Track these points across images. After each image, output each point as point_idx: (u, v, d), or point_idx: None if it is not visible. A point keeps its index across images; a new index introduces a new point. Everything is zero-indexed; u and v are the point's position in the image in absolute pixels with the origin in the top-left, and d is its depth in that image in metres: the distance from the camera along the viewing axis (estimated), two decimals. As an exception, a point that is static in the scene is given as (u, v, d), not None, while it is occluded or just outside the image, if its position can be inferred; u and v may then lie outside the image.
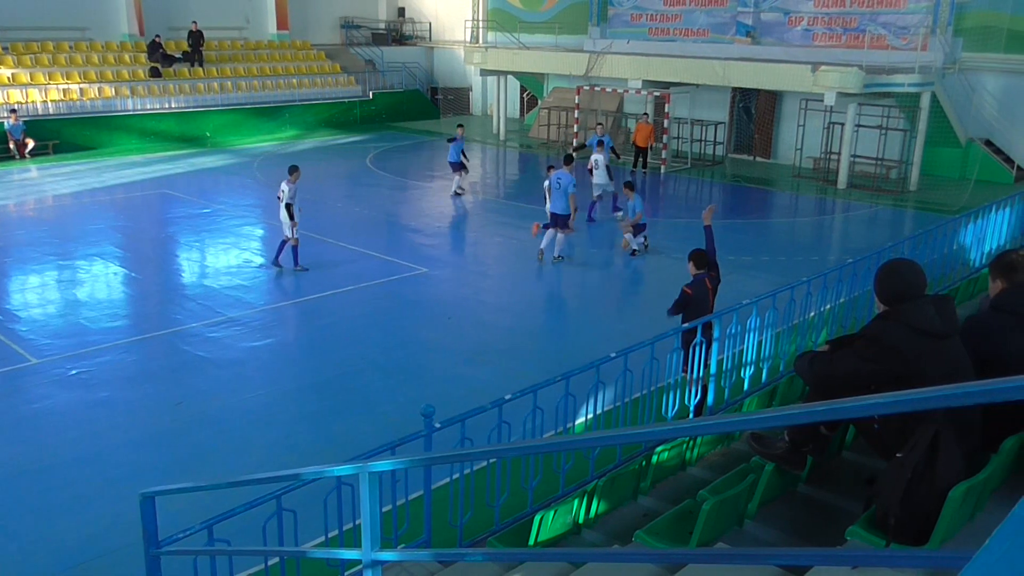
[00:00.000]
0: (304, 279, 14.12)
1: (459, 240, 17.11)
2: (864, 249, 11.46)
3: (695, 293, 8.30)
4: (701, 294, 8.31)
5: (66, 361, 10.62)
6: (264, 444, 8.63)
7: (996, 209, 9.47)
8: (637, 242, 15.47)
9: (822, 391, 4.12)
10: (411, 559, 4.95)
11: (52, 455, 8.39)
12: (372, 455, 4.80)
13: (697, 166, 25.20)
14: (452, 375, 10.32)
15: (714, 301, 8.42)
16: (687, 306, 8.30)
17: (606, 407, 6.65)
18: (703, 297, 8.29)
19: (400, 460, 3.64)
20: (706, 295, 8.31)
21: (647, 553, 4.02)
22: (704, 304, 8.25)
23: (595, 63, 25.66)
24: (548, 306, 13.11)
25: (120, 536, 6.93)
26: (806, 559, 2.72)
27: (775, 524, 4.34)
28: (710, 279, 8.44)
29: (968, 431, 3.67)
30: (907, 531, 3.37)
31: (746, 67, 22.90)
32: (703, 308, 8.17)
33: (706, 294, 8.32)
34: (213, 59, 30.91)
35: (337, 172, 24.01)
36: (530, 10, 32.70)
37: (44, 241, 16.13)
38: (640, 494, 5.51)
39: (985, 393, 1.59)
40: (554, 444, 4.81)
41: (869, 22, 23.58)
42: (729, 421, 3.04)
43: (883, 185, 22.02)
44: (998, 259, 4.56)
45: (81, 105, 26.54)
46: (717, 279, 8.57)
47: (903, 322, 3.82)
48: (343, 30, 37.05)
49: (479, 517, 5.71)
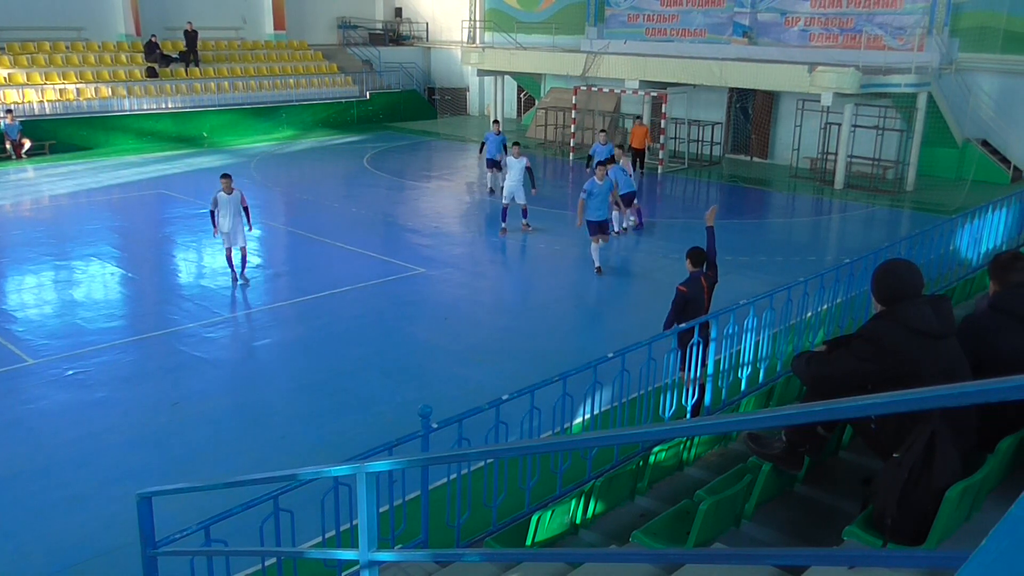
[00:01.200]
0: (304, 279, 14.11)
1: (456, 240, 17.10)
2: (861, 249, 11.48)
3: (690, 291, 8.27)
4: (696, 292, 8.28)
5: (63, 361, 10.60)
6: (261, 444, 8.62)
7: (992, 209, 9.49)
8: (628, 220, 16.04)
9: (819, 391, 4.13)
10: (408, 559, 4.94)
11: (48, 455, 8.37)
12: (369, 455, 4.80)
13: (694, 166, 25.22)
14: (449, 375, 10.32)
15: (710, 300, 8.42)
16: (684, 305, 8.25)
17: (603, 407, 6.66)
18: (698, 295, 8.27)
19: (397, 460, 3.64)
20: (701, 293, 8.29)
21: (644, 553, 4.03)
22: (699, 303, 8.25)
23: (592, 63, 25.67)
24: (545, 306, 13.11)
25: (117, 536, 6.92)
26: (803, 559, 2.73)
27: (772, 524, 4.35)
28: (706, 278, 8.42)
29: (964, 431, 3.68)
30: (904, 531, 3.38)
31: (743, 67, 22.93)
32: (699, 307, 8.18)
33: (701, 292, 8.30)
34: (210, 59, 30.88)
35: (334, 172, 23.99)
36: (527, 10, 32.71)
37: (41, 241, 16.11)
38: (637, 494, 5.51)
39: (981, 393, 1.59)
40: (551, 444, 4.81)
41: (866, 22, 23.62)
42: (726, 421, 3.04)
43: (880, 185, 22.06)
44: (993, 260, 4.59)
45: (77, 105, 26.51)
46: (714, 279, 8.55)
47: (900, 322, 3.83)
48: (340, 30, 37.04)
49: (476, 517, 5.71)
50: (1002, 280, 4.38)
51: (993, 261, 4.57)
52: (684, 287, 8.30)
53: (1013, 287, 4.31)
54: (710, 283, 8.45)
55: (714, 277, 8.55)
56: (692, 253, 8.53)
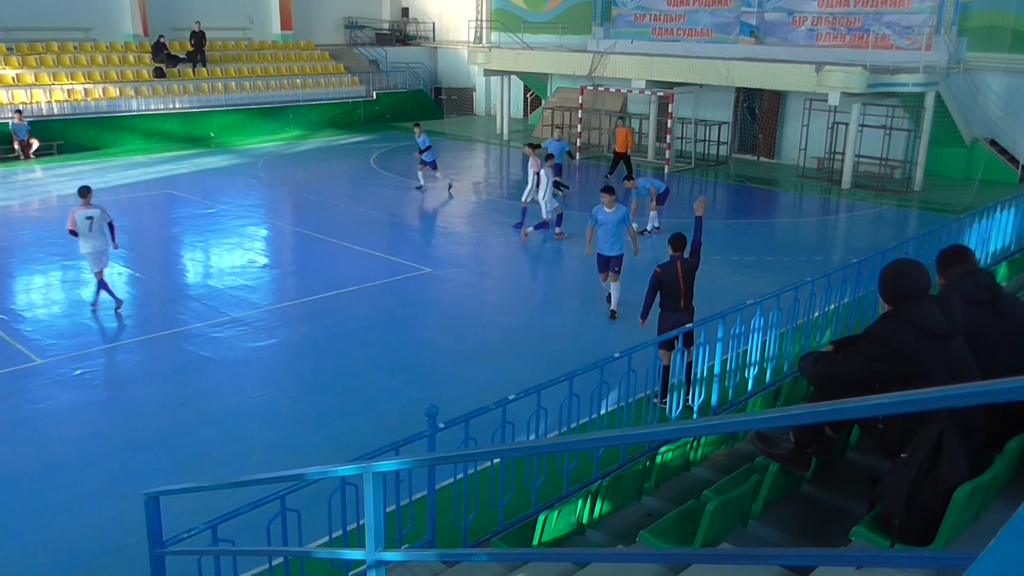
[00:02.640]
0: (311, 279, 14.13)
1: (462, 240, 17.11)
2: (868, 249, 11.45)
3: (664, 273, 8.96)
4: (670, 275, 8.94)
5: (70, 361, 10.63)
6: (268, 444, 8.64)
7: (1000, 209, 9.46)
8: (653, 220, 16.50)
9: (826, 391, 4.12)
10: (415, 559, 4.94)
11: (56, 455, 8.40)
12: (376, 455, 4.81)
13: (701, 166, 25.17)
14: (456, 375, 10.32)
15: (685, 285, 8.98)
16: (658, 285, 8.98)
17: (610, 407, 6.65)
18: (672, 278, 8.93)
19: (404, 460, 3.65)
20: (676, 277, 8.93)
21: (651, 553, 4.02)
22: (674, 286, 8.93)
23: (599, 63, 25.65)
24: (552, 306, 13.10)
25: (124, 536, 6.94)
26: (810, 559, 2.72)
27: (779, 524, 4.34)
28: (683, 263, 8.99)
29: (972, 431, 3.66)
30: (911, 531, 3.37)
31: (750, 67, 22.88)
32: (674, 289, 8.94)
33: (676, 276, 8.93)
34: (217, 59, 30.95)
35: (341, 172, 24.02)
36: (534, 10, 32.70)
37: (48, 241, 16.16)
38: (644, 494, 5.51)
39: (989, 393, 1.58)
40: (558, 444, 4.81)
41: (873, 22, 23.54)
42: (733, 421, 3.03)
43: (887, 185, 21.99)
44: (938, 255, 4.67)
45: (85, 105, 26.59)
46: (694, 265, 9.08)
47: (908, 322, 3.81)
48: (347, 30, 37.09)
49: (483, 517, 5.71)
50: (947, 273, 4.48)
51: (938, 256, 4.64)
52: (660, 268, 9.03)
53: (955, 278, 4.38)
54: (686, 268, 9.01)
55: (694, 264, 9.10)
56: (672, 239, 9.17)
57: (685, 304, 9.01)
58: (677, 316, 8.82)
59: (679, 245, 9.07)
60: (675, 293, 8.92)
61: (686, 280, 8.97)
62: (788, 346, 7.36)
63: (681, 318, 8.65)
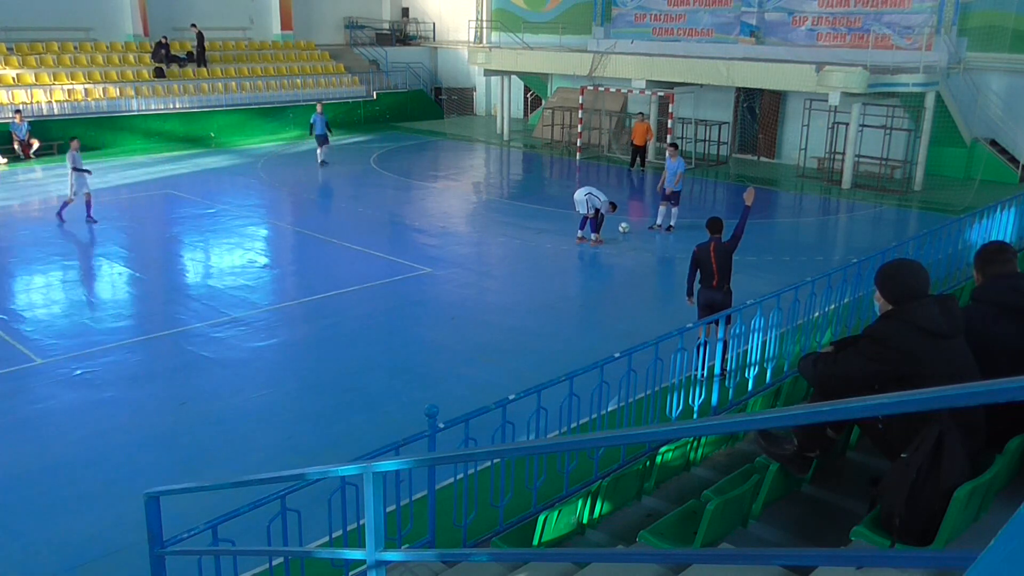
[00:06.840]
0: (311, 279, 14.14)
1: (463, 240, 17.11)
2: (868, 249, 11.44)
3: (699, 252, 9.89)
4: (704, 254, 9.83)
5: (71, 361, 10.64)
6: (268, 444, 8.64)
7: (1001, 209, 9.45)
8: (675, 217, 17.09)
9: (826, 392, 4.12)
10: (415, 559, 4.95)
11: (56, 455, 8.40)
12: (376, 455, 4.81)
13: (701, 166, 25.15)
14: (456, 375, 10.32)
15: (717, 263, 9.72)
16: (695, 263, 9.93)
17: (610, 407, 6.65)
18: (705, 257, 9.80)
19: (404, 460, 3.65)
20: (708, 256, 9.77)
21: (651, 553, 4.02)
22: (707, 264, 9.78)
23: (599, 63, 25.64)
24: (552, 306, 13.10)
25: (124, 536, 6.94)
26: (811, 559, 2.72)
27: (779, 524, 4.34)
28: (717, 244, 9.76)
29: (973, 431, 3.66)
30: (912, 531, 3.37)
31: (750, 67, 22.88)
32: (706, 268, 9.78)
33: (708, 256, 9.76)
34: (217, 59, 30.95)
35: (341, 172, 24.02)
36: (534, 10, 32.70)
37: (49, 241, 16.17)
38: (644, 494, 5.51)
39: (990, 393, 1.58)
40: (558, 444, 4.80)
41: (873, 22, 23.54)
42: (734, 421, 3.03)
43: (887, 185, 21.99)
44: (978, 252, 4.61)
45: (86, 105, 26.59)
46: (728, 248, 9.75)
47: (907, 322, 3.81)
48: (347, 30, 37.09)
49: (483, 517, 5.71)
50: (984, 272, 4.44)
51: (978, 253, 4.58)
52: (697, 248, 9.96)
53: (993, 279, 4.34)
54: (719, 249, 9.73)
55: (729, 247, 9.77)
56: (708, 221, 9.98)
57: (718, 283, 9.78)
58: (710, 293, 9.77)
59: (714, 227, 9.87)
60: (708, 271, 9.76)
61: (719, 260, 9.72)
62: (788, 346, 7.35)
63: (714, 296, 9.68)
